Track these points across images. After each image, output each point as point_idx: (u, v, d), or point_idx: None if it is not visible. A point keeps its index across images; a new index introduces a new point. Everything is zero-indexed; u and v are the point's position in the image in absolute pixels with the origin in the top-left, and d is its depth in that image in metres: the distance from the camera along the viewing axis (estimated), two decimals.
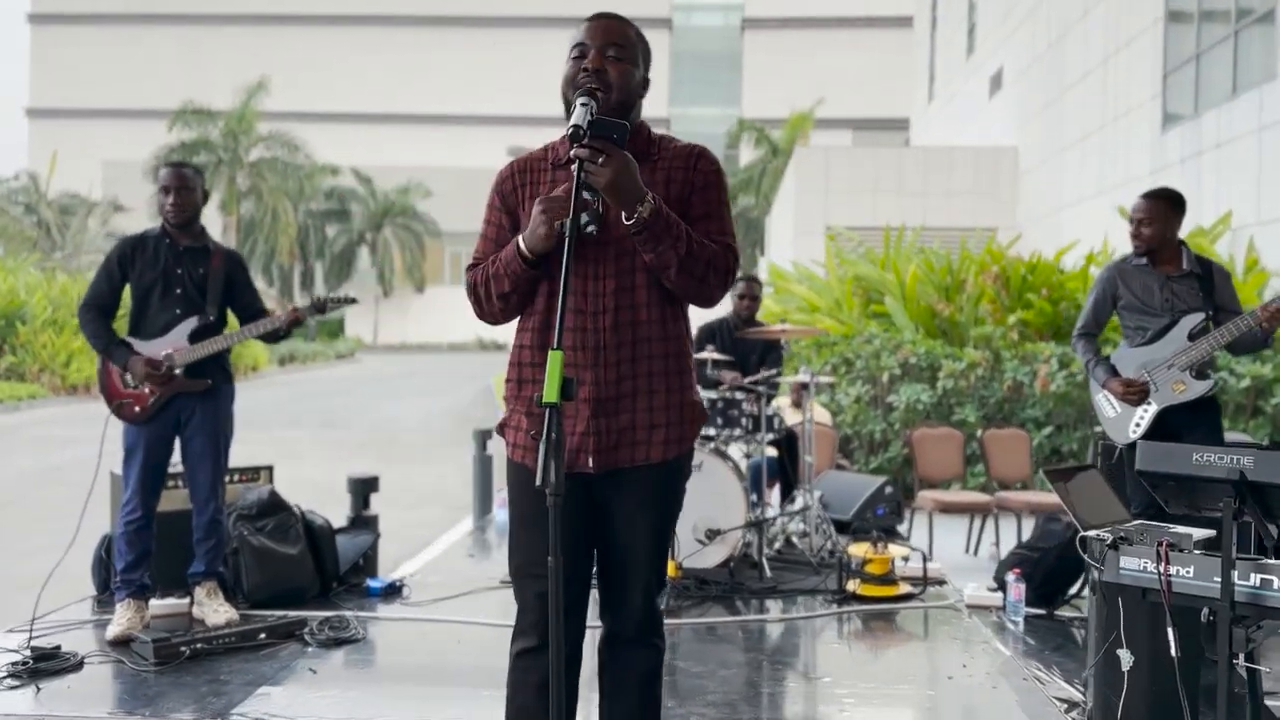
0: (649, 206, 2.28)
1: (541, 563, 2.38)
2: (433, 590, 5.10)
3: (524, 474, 2.43)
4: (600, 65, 2.38)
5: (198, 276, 4.45)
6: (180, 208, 4.40)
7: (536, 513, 2.39)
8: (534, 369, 2.44)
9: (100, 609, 4.75)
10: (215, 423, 4.45)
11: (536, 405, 2.11)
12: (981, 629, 4.54)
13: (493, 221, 2.52)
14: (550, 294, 2.41)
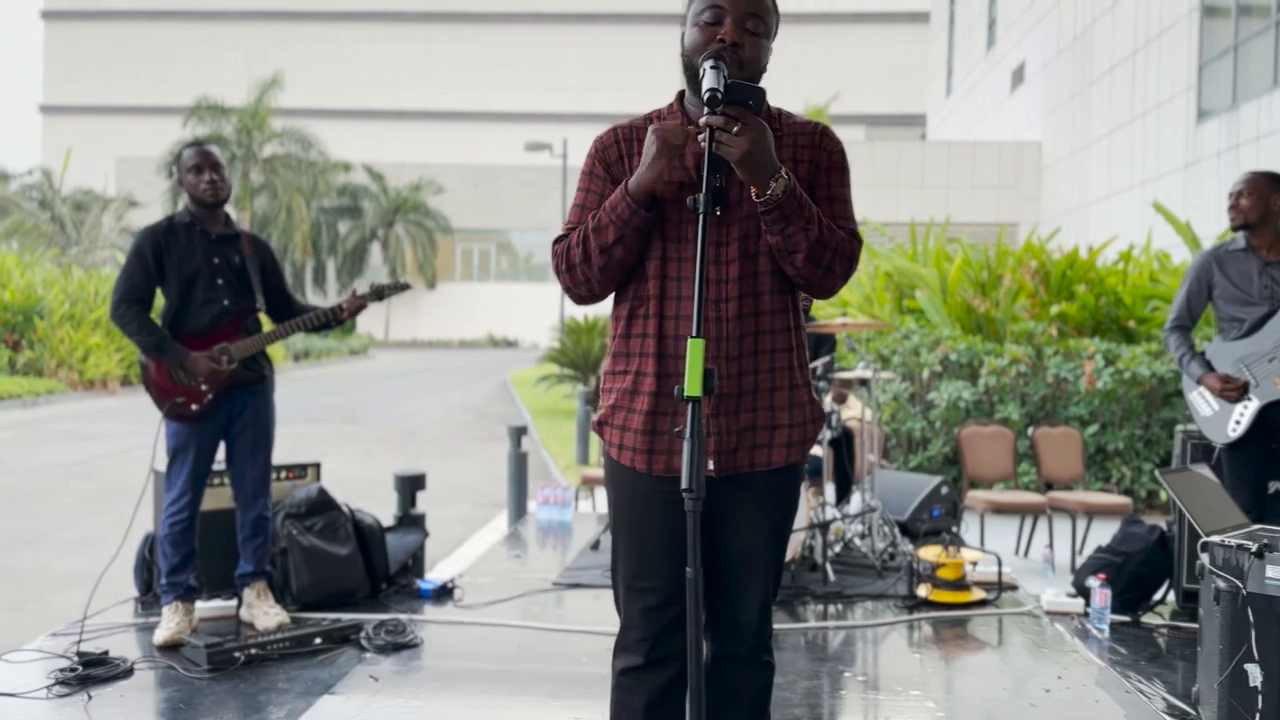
0: (783, 183, 2.07)
1: (651, 574, 2.23)
2: (485, 592, 4.92)
3: (632, 477, 2.24)
4: (736, 37, 2.16)
5: (236, 265, 4.25)
6: (217, 185, 4.19)
7: (646, 519, 2.23)
8: (648, 359, 2.21)
9: (144, 611, 4.58)
10: (264, 416, 4.29)
11: (678, 399, 1.91)
12: (1066, 637, 4.34)
13: (592, 190, 2.28)
14: (664, 277, 2.19)
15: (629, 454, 2.23)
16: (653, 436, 2.20)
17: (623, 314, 2.28)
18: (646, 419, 2.20)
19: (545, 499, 6.81)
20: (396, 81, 48.51)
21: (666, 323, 2.19)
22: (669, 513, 2.19)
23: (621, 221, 2.13)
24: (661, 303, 2.20)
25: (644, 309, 2.22)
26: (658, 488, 2.21)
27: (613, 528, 2.31)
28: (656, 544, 2.22)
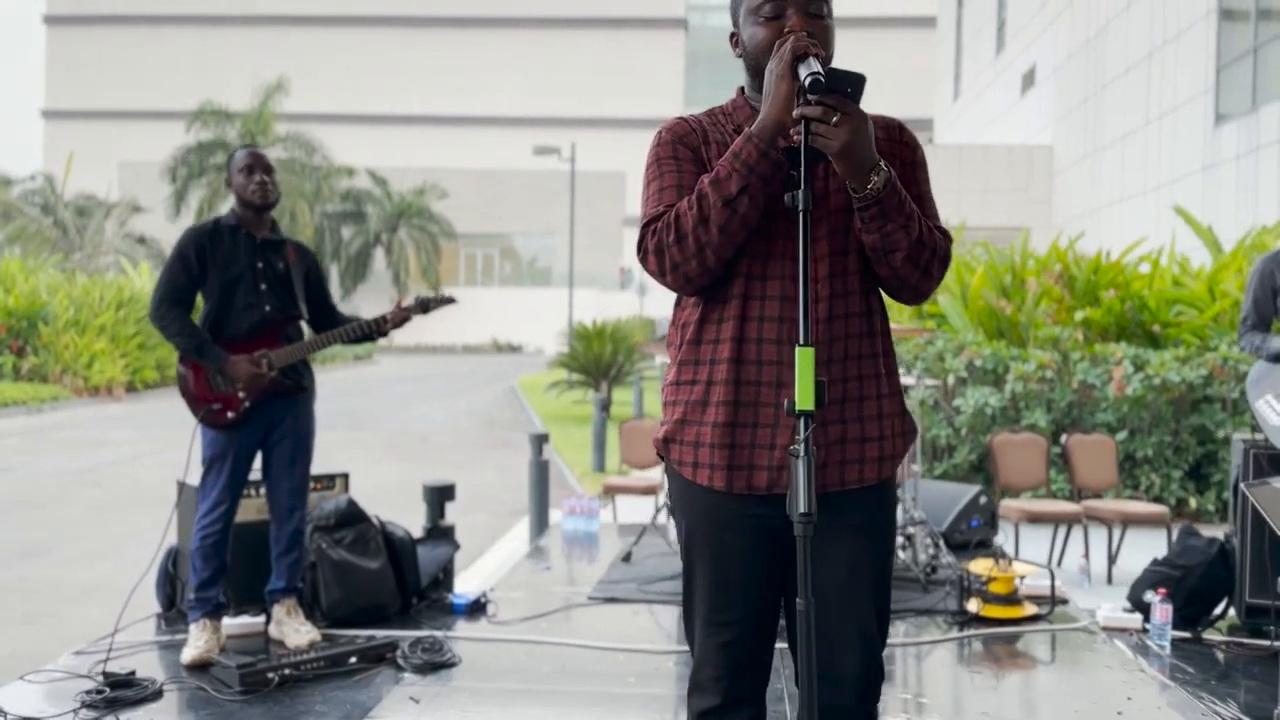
0: (883, 177, 1.91)
1: (730, 607, 2.03)
2: (518, 607, 4.76)
3: (708, 498, 2.04)
4: (806, 26, 2.00)
5: (280, 271, 4.13)
6: (267, 187, 4.07)
7: (727, 544, 2.03)
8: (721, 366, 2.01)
9: (168, 628, 4.41)
10: (303, 426, 4.15)
11: (788, 413, 1.73)
12: (1127, 654, 4.17)
13: (683, 169, 2.05)
14: (748, 277, 2.01)
15: (705, 471, 2.03)
16: (731, 451, 2.00)
17: (691, 318, 2.08)
18: (723, 432, 2.00)
19: (571, 509, 6.64)
20: (400, 86, 48.43)
21: (748, 325, 2.01)
22: (752, 536, 2.03)
23: (747, 167, 1.91)
24: (744, 304, 2.01)
25: (718, 312, 2.04)
26: (739, 508, 2.03)
27: (685, 554, 2.11)
28: (738, 572, 2.04)
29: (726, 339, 2.01)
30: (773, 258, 2.01)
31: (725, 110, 2.16)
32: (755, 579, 2.04)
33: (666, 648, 4.17)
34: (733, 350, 2.01)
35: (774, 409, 1.98)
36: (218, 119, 35.05)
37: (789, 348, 1.97)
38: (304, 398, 4.14)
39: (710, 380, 2.03)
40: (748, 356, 2.00)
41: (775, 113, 1.90)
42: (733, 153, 1.93)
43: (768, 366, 1.99)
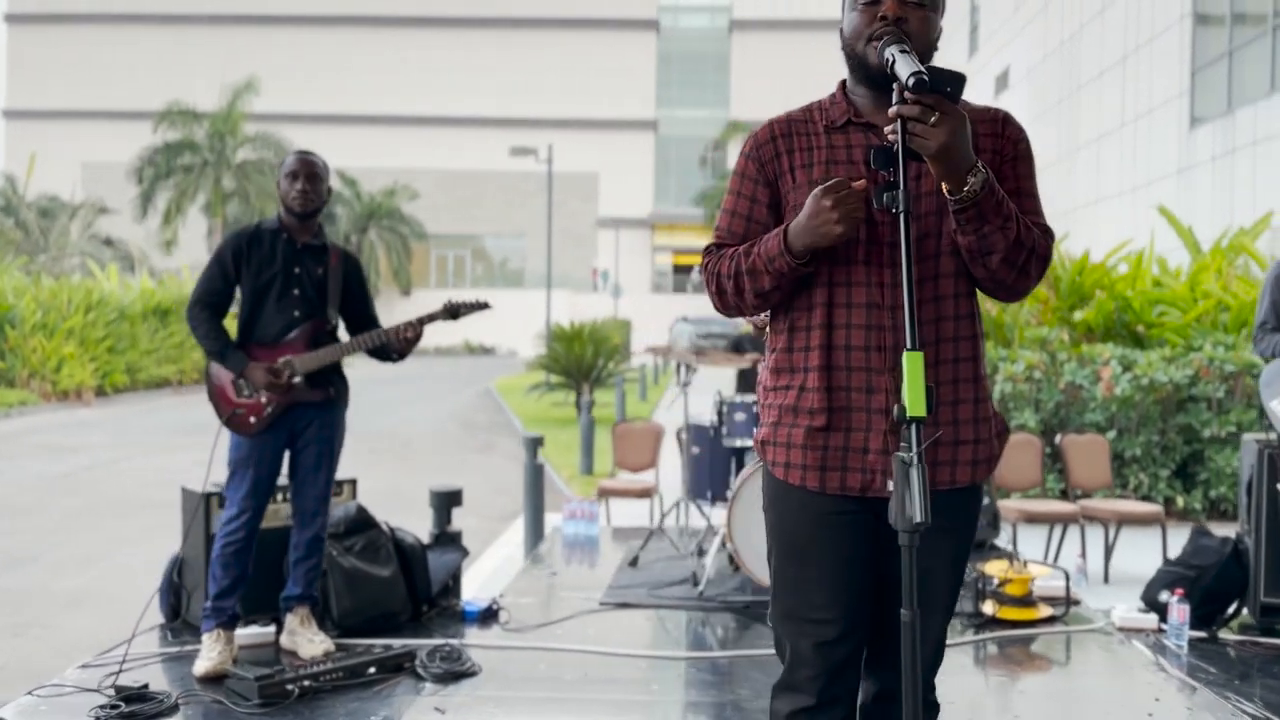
0: (980, 178, 1.88)
1: (824, 606, 2.03)
2: (530, 613, 4.69)
3: (800, 498, 2.06)
4: (900, 13, 1.96)
5: (317, 277, 4.05)
6: (308, 196, 4.00)
7: (819, 543, 2.04)
8: (812, 373, 2.03)
9: (173, 639, 4.30)
10: (330, 434, 4.06)
11: (899, 419, 1.70)
12: (1147, 655, 4.17)
13: (744, 194, 2.13)
14: (831, 284, 2.02)
15: (797, 472, 2.06)
16: (824, 452, 2.03)
17: (783, 326, 2.12)
18: (816, 435, 2.03)
19: (572, 513, 6.58)
20: (370, 86, 48.05)
21: (835, 332, 2.02)
22: (844, 535, 2.04)
23: (778, 275, 2.01)
24: (829, 311, 2.03)
25: (806, 319, 2.06)
26: (831, 507, 2.05)
27: (776, 554, 2.12)
28: (831, 570, 2.05)
29: (815, 346, 2.04)
30: (857, 263, 2.02)
31: (823, 105, 2.15)
32: (848, 576, 2.05)
33: (686, 653, 4.13)
34: (822, 357, 2.03)
35: (865, 414, 2.01)
36: (185, 119, 34.63)
37: (877, 354, 2.00)
38: (334, 405, 4.05)
39: (802, 386, 2.06)
40: (836, 363, 2.03)
41: (816, 240, 1.95)
42: (768, 255, 2.00)
43: (857, 373, 2.02)
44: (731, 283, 2.06)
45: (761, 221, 2.10)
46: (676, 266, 50.46)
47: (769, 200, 2.10)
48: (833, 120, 2.09)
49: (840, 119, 2.08)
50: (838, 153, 2.05)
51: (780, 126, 2.13)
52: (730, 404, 5.26)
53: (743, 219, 2.12)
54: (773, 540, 2.13)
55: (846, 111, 2.08)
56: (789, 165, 2.07)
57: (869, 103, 2.07)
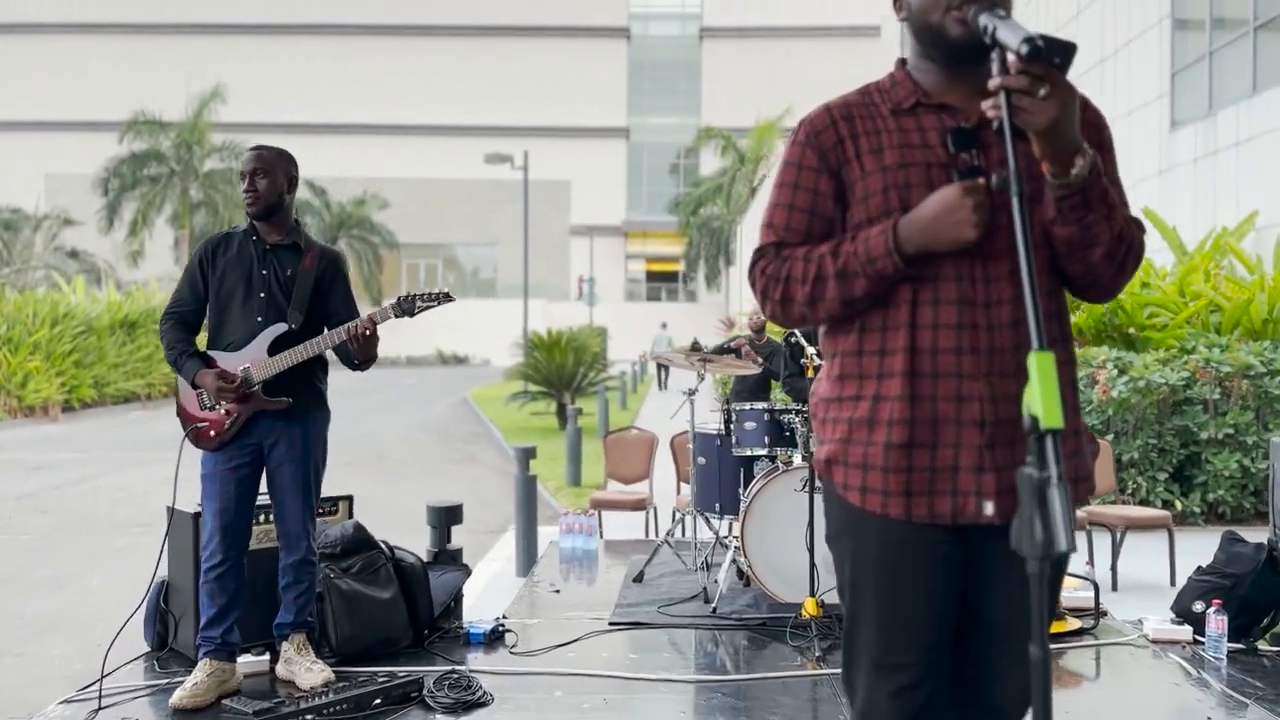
0: (1088, 160, 1.69)
1: (906, 647, 1.80)
2: (537, 635, 4.46)
3: (880, 527, 1.82)
4: None
5: (284, 278, 3.77)
6: (255, 195, 3.73)
7: (903, 578, 1.81)
8: (892, 380, 1.80)
9: (160, 670, 4.04)
10: (304, 450, 3.77)
11: (1029, 431, 1.48)
12: (1187, 669, 4.01)
13: (804, 185, 1.89)
14: (917, 279, 1.79)
15: (877, 497, 1.82)
16: (908, 475, 1.79)
17: (850, 328, 1.87)
18: (898, 454, 1.79)
19: (569, 527, 6.36)
20: (339, 95, 47.62)
21: (920, 333, 1.79)
22: (932, 569, 1.81)
23: (877, 279, 1.78)
24: (914, 309, 1.79)
25: (883, 319, 1.82)
26: (916, 538, 1.81)
27: (851, 589, 1.88)
28: (914, 609, 1.82)
29: (899, 349, 1.81)
30: (946, 258, 1.79)
31: (882, 87, 1.94)
32: (932, 617, 1.82)
33: (709, 677, 3.92)
34: (906, 362, 1.80)
35: (955, 426, 1.78)
36: (151, 129, 34.13)
37: (970, 357, 1.77)
38: (305, 419, 3.77)
39: (878, 395, 1.82)
40: (922, 369, 1.80)
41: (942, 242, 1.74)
42: (868, 255, 1.78)
43: (946, 379, 1.78)
44: (807, 288, 1.82)
45: (827, 216, 1.88)
46: (650, 274, 50.35)
47: (833, 191, 1.88)
48: (898, 102, 1.89)
49: (907, 100, 1.88)
50: (910, 136, 1.85)
51: (839, 110, 1.91)
52: (740, 412, 5.06)
53: (804, 213, 1.88)
54: (847, 574, 1.89)
55: (914, 92, 1.88)
56: (854, 152, 1.86)
57: (940, 81, 1.87)
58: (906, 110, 1.88)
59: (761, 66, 47.33)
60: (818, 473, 1.94)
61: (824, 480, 1.92)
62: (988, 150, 1.82)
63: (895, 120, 1.87)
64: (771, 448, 4.96)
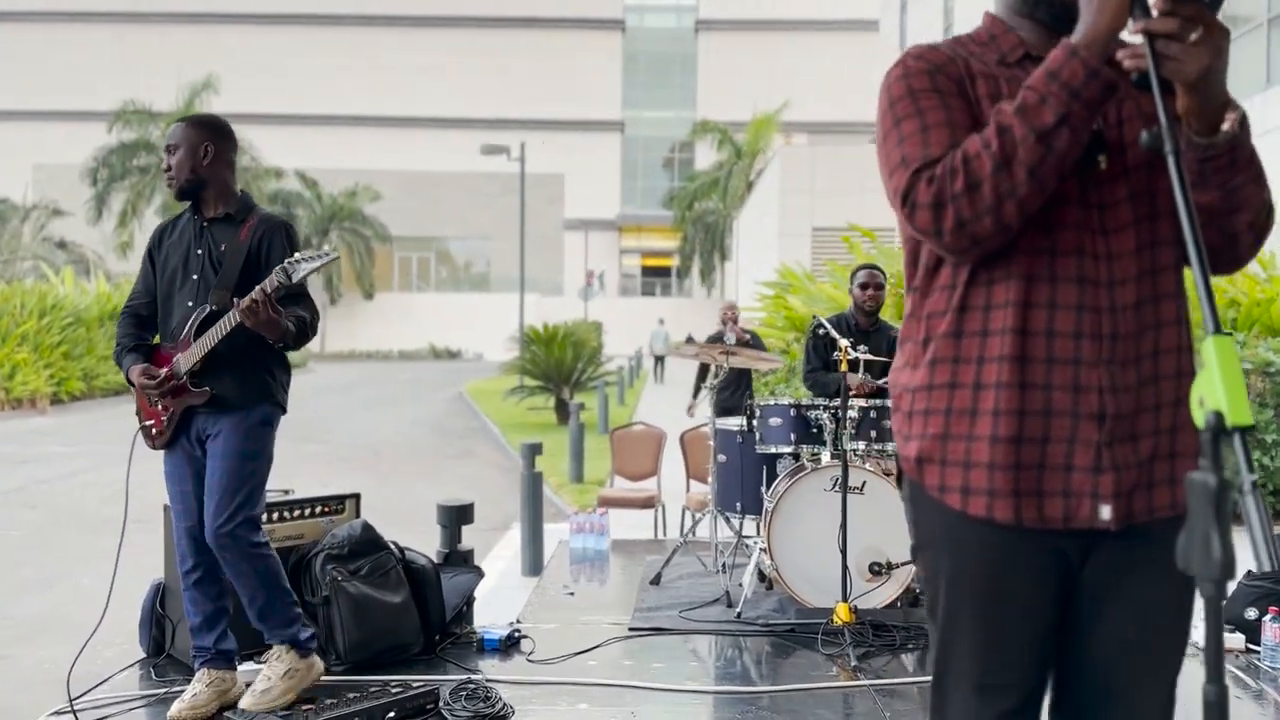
0: (1239, 114, 1.50)
1: (1011, 667, 1.60)
2: (554, 641, 4.23)
3: (982, 532, 1.60)
4: None
5: (217, 256, 3.42)
6: (169, 173, 3.46)
7: (1007, 589, 1.60)
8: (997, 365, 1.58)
9: (157, 678, 3.81)
10: (228, 445, 3.34)
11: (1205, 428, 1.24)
12: (1245, 679, 3.80)
13: (950, 104, 1.60)
14: (1033, 251, 1.57)
15: (980, 499, 1.59)
16: (1015, 472, 1.57)
17: (943, 305, 1.64)
18: (1007, 450, 1.57)
19: (579, 526, 6.13)
20: (331, 86, 47.24)
21: (1033, 313, 1.57)
22: (1040, 579, 1.60)
23: (1069, 90, 1.46)
24: (1026, 286, 1.57)
25: (986, 296, 1.60)
26: (1022, 544, 1.60)
27: (946, 604, 1.65)
28: (1019, 624, 1.61)
29: (1004, 330, 1.57)
30: (1066, 228, 1.57)
31: (978, 39, 1.71)
32: (1037, 633, 1.62)
33: (743, 688, 3.70)
34: (1015, 345, 1.57)
35: (1070, 419, 1.56)
36: (141, 119, 33.77)
37: (1091, 343, 1.55)
38: (248, 408, 3.39)
39: (979, 382, 1.59)
40: (1034, 353, 1.57)
41: (1110, 17, 1.45)
42: (1047, 72, 1.49)
43: (1061, 366, 1.56)
44: (993, 151, 1.48)
45: (969, 130, 1.59)
46: (644, 269, 50.11)
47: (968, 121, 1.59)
48: (1004, 54, 1.67)
49: (1014, 53, 1.67)
50: None
51: (950, 50, 1.67)
52: (764, 408, 4.84)
53: (946, 128, 1.58)
54: (942, 587, 1.67)
55: (1020, 45, 1.67)
56: (974, 95, 1.63)
57: (1042, 38, 1.66)
58: (1014, 63, 1.66)
59: (757, 60, 47.09)
60: (905, 473, 1.70)
61: (912, 482, 1.69)
62: (1114, 110, 1.61)
63: (1004, 70, 1.66)
64: (798, 445, 4.74)
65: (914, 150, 1.57)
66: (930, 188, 1.52)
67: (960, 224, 1.51)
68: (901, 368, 1.72)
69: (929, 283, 1.67)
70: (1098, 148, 1.58)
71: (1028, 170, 1.47)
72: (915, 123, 1.59)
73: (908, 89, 1.62)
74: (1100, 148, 1.58)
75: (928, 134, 1.58)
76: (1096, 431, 1.55)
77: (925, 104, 1.60)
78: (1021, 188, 1.48)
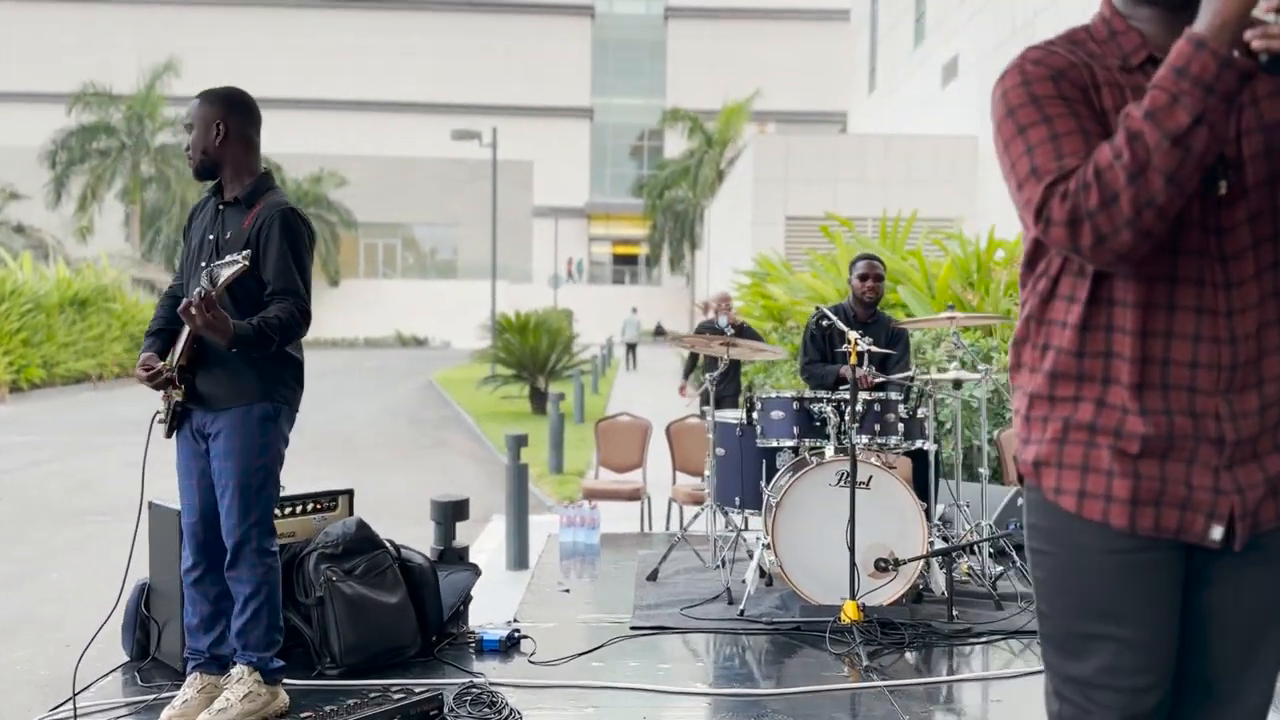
0: None
1: (1141, 670, 1.57)
2: (555, 641, 4.10)
3: (1101, 537, 1.57)
4: None
5: (223, 243, 3.26)
6: (188, 152, 3.33)
7: (1130, 597, 1.57)
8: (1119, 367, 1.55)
9: (142, 683, 3.64)
10: (234, 444, 3.18)
11: None
12: None
13: (1077, 111, 1.51)
14: (1153, 278, 1.52)
15: (1097, 503, 1.57)
16: (1136, 481, 1.54)
17: (1063, 318, 1.59)
18: (1126, 462, 1.54)
19: (569, 520, 6.00)
20: (296, 69, 46.51)
21: (1151, 342, 1.53)
22: (1151, 585, 1.57)
23: (1202, 86, 1.37)
24: (1144, 314, 1.53)
25: (1106, 318, 1.56)
26: (1140, 549, 1.57)
27: (1064, 606, 1.62)
28: (1144, 626, 1.58)
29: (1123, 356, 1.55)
30: (1187, 254, 1.52)
31: (1096, 35, 1.61)
32: (1168, 635, 1.59)
33: (757, 691, 3.59)
34: (1134, 373, 1.54)
35: (1191, 441, 1.53)
36: (101, 101, 33.08)
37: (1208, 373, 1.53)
38: (248, 406, 3.21)
39: (1101, 400, 1.57)
40: (1151, 380, 1.56)
41: (1237, 8, 1.35)
42: (1173, 68, 1.39)
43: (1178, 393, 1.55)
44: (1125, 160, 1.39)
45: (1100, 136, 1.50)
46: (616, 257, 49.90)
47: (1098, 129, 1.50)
48: (1126, 56, 1.57)
49: (1136, 55, 1.57)
50: None
51: (1069, 53, 1.57)
52: (766, 400, 4.73)
53: (1078, 135, 1.49)
54: (1057, 588, 1.64)
55: (1142, 46, 1.57)
56: (1100, 106, 1.53)
57: (1161, 30, 1.56)
58: (1137, 66, 1.57)
59: (727, 49, 46.94)
60: (1022, 476, 1.67)
61: (1029, 486, 1.66)
62: None
63: (1127, 77, 1.56)
64: (800, 439, 4.64)
65: (1046, 161, 1.49)
66: (1064, 204, 1.45)
67: (1100, 239, 1.44)
68: (1020, 367, 1.67)
69: (1051, 288, 1.61)
70: (1218, 169, 1.50)
71: (1165, 177, 1.39)
72: (1043, 130, 1.51)
73: (1029, 95, 1.54)
74: (1220, 169, 1.51)
75: (1058, 142, 1.49)
76: (1217, 456, 1.53)
77: (1052, 111, 1.52)
78: (1160, 196, 1.40)
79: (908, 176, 20.76)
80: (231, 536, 3.21)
